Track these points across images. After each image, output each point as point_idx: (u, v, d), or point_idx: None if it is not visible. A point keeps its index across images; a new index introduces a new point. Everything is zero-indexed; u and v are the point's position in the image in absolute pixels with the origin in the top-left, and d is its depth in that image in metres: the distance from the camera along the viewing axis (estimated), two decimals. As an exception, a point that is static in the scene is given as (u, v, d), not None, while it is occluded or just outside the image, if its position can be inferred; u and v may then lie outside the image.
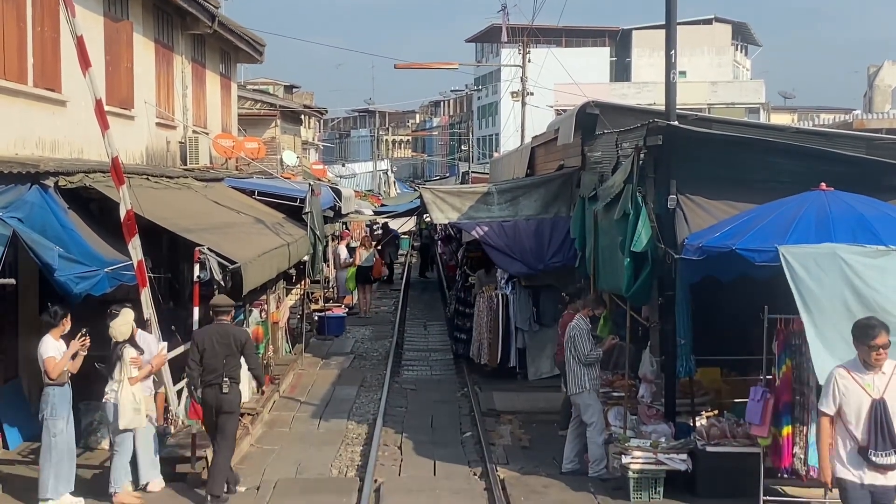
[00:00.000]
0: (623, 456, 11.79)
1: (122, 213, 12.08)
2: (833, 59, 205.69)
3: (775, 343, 11.01)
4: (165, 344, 12.40)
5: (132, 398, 11.48)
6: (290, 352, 21.38)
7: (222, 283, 12.80)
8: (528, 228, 18.15)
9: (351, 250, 31.31)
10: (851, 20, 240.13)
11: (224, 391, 11.78)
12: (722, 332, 12.94)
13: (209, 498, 11.66)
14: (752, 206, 11.73)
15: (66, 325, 11.25)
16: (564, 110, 26.18)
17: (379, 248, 33.40)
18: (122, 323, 11.64)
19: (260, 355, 15.80)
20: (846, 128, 25.76)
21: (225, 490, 11.92)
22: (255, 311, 17.86)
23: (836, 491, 11.19)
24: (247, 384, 15.47)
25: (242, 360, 12.08)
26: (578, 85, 40.05)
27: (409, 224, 40.63)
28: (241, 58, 26.56)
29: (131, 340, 11.70)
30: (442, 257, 38.36)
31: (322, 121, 79.72)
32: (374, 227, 41.96)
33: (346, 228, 36.11)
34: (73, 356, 11.21)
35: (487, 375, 19.72)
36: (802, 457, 10.89)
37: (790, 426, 10.90)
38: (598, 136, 15.87)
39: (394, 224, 37.91)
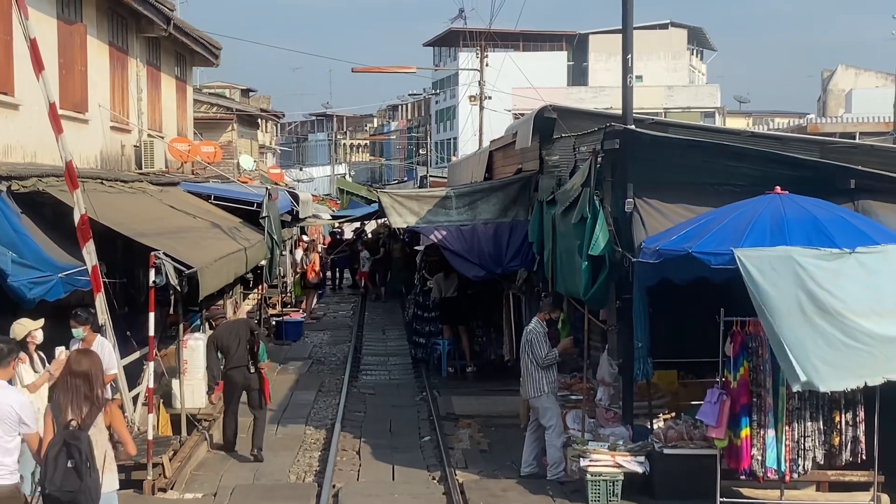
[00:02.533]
0: (581, 459, 11.82)
1: (77, 218, 11.92)
2: (788, 64, 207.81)
3: (730, 345, 11.10)
4: (63, 348, 11.66)
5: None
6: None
7: (178, 288, 12.69)
8: (486, 232, 18.15)
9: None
10: (806, 25, 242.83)
11: (251, 371, 14.34)
12: (679, 334, 13.01)
13: (256, 451, 14.19)
14: (709, 210, 11.82)
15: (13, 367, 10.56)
16: (522, 114, 26.24)
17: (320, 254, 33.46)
18: (16, 323, 11.12)
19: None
20: (801, 132, 26.10)
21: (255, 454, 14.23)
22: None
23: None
24: (203, 389, 15.40)
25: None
26: (536, 89, 40.32)
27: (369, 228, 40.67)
28: (197, 61, 26.38)
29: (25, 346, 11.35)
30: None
31: (279, 125, 79.39)
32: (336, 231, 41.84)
33: (304, 234, 36.00)
34: None
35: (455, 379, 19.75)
36: (760, 458, 10.98)
37: (748, 428, 10.98)
38: (555, 140, 15.91)
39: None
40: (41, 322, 11.22)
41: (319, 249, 35.43)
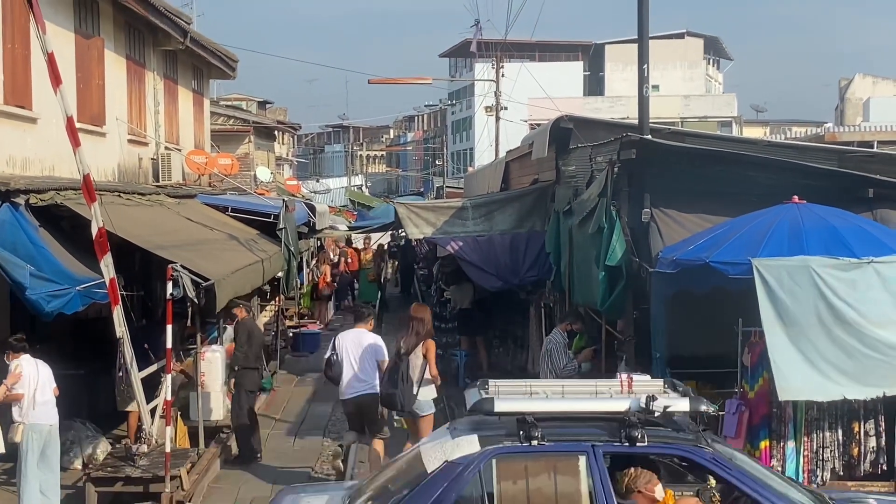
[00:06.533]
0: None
1: (94, 231, 11.98)
2: (805, 73, 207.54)
3: (747, 355, 11.03)
4: (17, 362, 11.62)
5: None
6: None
7: (195, 300, 12.71)
8: (503, 243, 18.13)
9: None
10: (822, 33, 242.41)
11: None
12: (697, 345, 12.94)
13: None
14: (726, 220, 11.76)
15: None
16: (538, 124, 26.26)
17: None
18: None
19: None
20: (818, 141, 26.01)
21: None
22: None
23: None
24: (221, 401, 15.43)
25: None
26: (552, 99, 40.31)
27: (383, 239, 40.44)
28: (214, 74, 26.50)
29: None
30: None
31: (296, 136, 79.65)
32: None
33: (322, 245, 35.94)
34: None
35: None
36: (780, 469, 10.90)
37: (768, 439, 10.92)
38: (572, 151, 15.90)
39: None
40: None
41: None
